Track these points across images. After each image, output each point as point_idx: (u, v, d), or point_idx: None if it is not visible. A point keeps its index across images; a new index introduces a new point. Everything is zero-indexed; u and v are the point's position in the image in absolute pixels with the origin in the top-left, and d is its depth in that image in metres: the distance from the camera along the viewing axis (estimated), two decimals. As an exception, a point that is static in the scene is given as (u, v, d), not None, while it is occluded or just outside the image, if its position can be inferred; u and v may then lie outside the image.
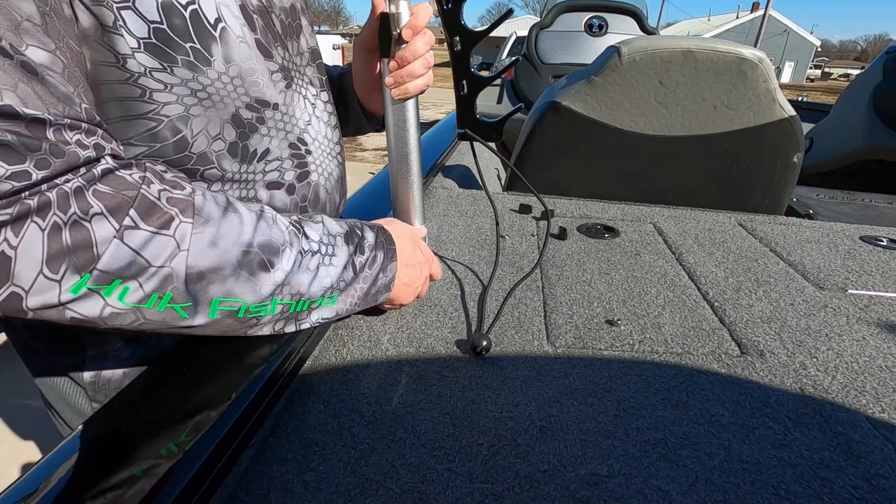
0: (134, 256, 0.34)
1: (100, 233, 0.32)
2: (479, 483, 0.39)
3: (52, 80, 0.32)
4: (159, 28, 0.39)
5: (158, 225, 0.35)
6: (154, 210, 0.35)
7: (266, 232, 0.42)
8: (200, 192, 0.39)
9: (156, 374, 0.44)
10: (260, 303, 0.42)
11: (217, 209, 0.39)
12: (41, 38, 0.32)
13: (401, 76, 0.58)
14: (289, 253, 0.43)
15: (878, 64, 1.96)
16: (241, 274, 0.40)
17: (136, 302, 0.35)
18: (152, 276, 0.35)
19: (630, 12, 2.80)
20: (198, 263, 0.37)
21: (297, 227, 0.46)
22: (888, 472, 0.41)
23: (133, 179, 0.35)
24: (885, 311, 0.68)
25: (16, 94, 0.29)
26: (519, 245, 0.86)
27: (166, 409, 0.39)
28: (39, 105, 0.30)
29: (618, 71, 1.07)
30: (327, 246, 0.48)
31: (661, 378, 0.52)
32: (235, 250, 0.39)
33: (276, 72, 0.50)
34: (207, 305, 0.39)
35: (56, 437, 0.47)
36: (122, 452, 0.34)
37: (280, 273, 0.42)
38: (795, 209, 1.37)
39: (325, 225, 0.49)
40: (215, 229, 0.38)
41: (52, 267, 0.31)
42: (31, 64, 0.31)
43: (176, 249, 0.36)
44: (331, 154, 0.61)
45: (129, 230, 0.33)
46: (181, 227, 0.36)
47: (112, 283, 0.33)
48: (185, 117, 0.43)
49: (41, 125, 0.30)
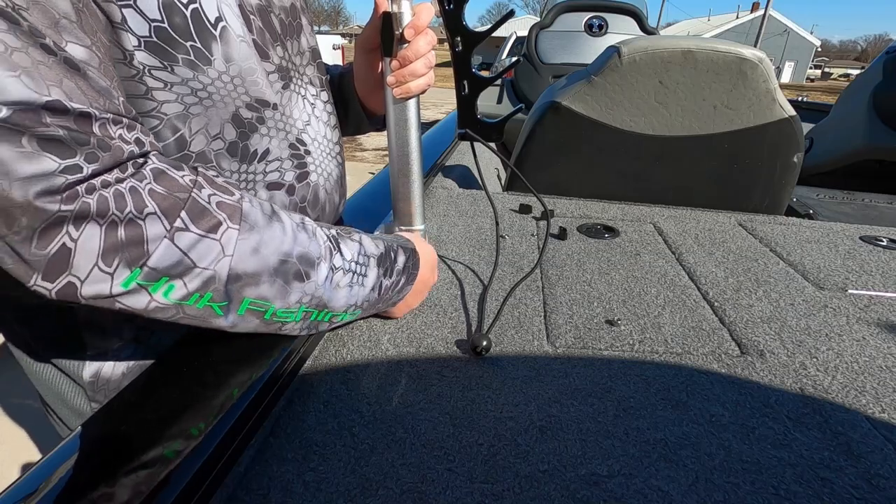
0: (182, 257, 0.35)
1: (152, 232, 0.34)
2: (479, 483, 0.39)
3: (92, 75, 0.33)
4: (160, 27, 0.39)
5: (207, 228, 0.36)
6: (204, 214, 0.36)
7: (305, 243, 0.44)
8: (248, 199, 0.40)
9: (156, 375, 0.43)
10: (287, 309, 0.44)
11: (263, 217, 0.41)
12: (78, 35, 0.33)
13: (402, 75, 0.58)
14: (323, 267, 0.45)
15: (878, 64, 1.96)
16: (276, 281, 0.41)
17: (179, 299, 0.37)
18: (196, 276, 0.36)
19: (630, 12, 2.80)
20: (239, 267, 0.39)
21: (333, 243, 0.47)
22: (888, 472, 0.41)
23: (184, 182, 0.36)
24: (885, 311, 0.68)
25: (62, 89, 0.30)
26: (519, 245, 0.85)
27: (166, 409, 0.39)
28: (84, 99, 0.31)
29: (618, 71, 1.07)
30: (361, 266, 0.49)
31: (661, 378, 0.52)
32: (274, 258, 0.41)
33: (273, 72, 0.50)
34: (239, 304, 0.40)
35: (56, 438, 0.47)
36: (122, 453, 0.34)
37: (311, 285, 0.44)
38: (795, 209, 1.37)
39: (362, 245, 0.51)
40: (259, 237, 0.40)
41: (107, 260, 0.33)
42: (72, 59, 0.31)
43: (221, 254, 0.37)
44: (330, 154, 0.61)
45: (179, 231, 0.35)
46: (228, 233, 0.38)
47: (159, 280, 0.35)
48: (185, 116, 0.43)
49: (88, 119, 0.31)
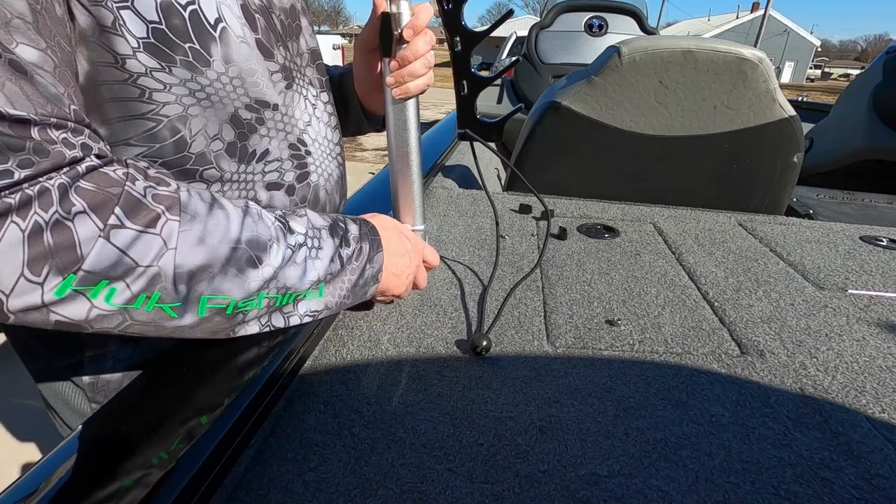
0: (120, 256, 0.33)
1: (83, 232, 0.31)
2: (479, 483, 0.39)
3: (42, 80, 0.31)
4: (158, 28, 0.39)
5: (145, 223, 0.34)
6: (140, 208, 0.34)
7: (252, 227, 0.41)
8: (185, 189, 0.38)
9: (155, 375, 0.44)
10: (247, 298, 0.41)
11: (203, 205, 0.38)
12: (32, 37, 0.31)
13: (401, 76, 0.58)
14: (276, 248, 0.43)
15: (878, 64, 1.96)
16: (230, 271, 0.39)
17: (124, 303, 0.34)
18: (140, 275, 0.34)
19: (630, 12, 2.80)
20: (186, 262, 0.36)
21: (282, 222, 0.45)
22: (888, 472, 0.41)
23: (116, 176, 0.33)
24: (885, 311, 0.68)
25: (2, 93, 0.29)
26: (519, 245, 0.85)
27: (166, 409, 0.39)
28: (26, 104, 0.30)
29: (618, 71, 1.07)
30: (313, 239, 0.47)
31: (661, 378, 0.52)
32: (223, 247, 0.38)
33: (277, 72, 0.50)
34: (196, 303, 0.38)
35: (56, 438, 0.47)
36: (122, 453, 0.34)
37: (269, 269, 0.42)
38: (795, 209, 1.37)
39: (308, 218, 0.48)
40: (202, 226, 0.37)
41: (34, 269, 0.30)
42: (19, 62, 0.30)
43: (163, 248, 0.35)
44: (331, 155, 0.61)
45: (114, 229, 0.32)
46: (168, 225, 0.35)
47: (98, 283, 0.32)
48: (184, 117, 0.43)
49: (25, 125, 0.30)
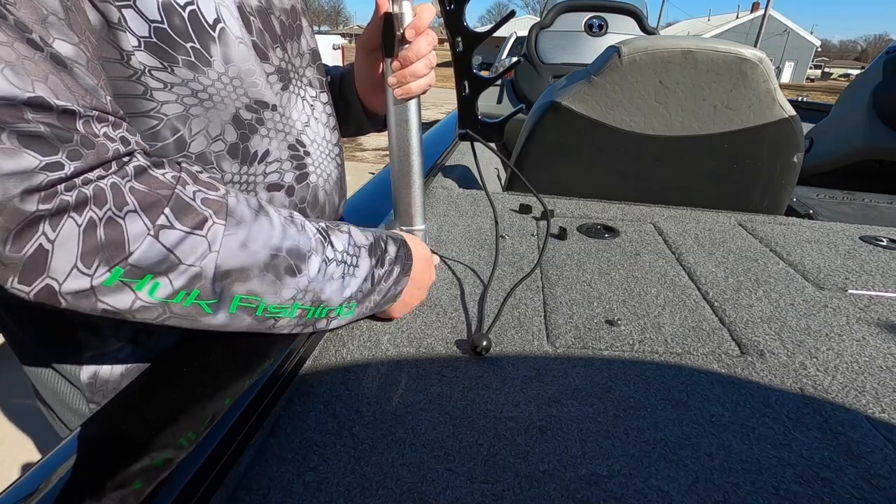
0: (166, 254, 0.35)
1: (133, 230, 0.33)
2: (479, 483, 0.39)
3: (79, 72, 0.32)
4: (160, 27, 0.40)
5: (192, 225, 0.36)
6: (188, 210, 0.36)
7: (295, 237, 0.43)
8: (234, 194, 0.40)
9: (155, 375, 0.43)
10: (279, 305, 0.43)
11: (249, 212, 0.40)
12: (66, 32, 0.32)
13: (403, 76, 0.58)
14: (315, 260, 0.45)
15: (878, 64, 1.96)
16: (267, 276, 0.41)
17: (165, 297, 0.36)
18: (182, 273, 0.36)
19: (630, 12, 2.80)
20: (226, 264, 0.38)
21: (323, 235, 0.47)
22: (888, 472, 0.41)
23: (166, 179, 0.35)
24: (885, 311, 0.68)
25: (47, 85, 0.30)
26: (519, 245, 0.85)
27: (166, 409, 0.39)
28: (69, 96, 0.31)
29: (618, 71, 1.07)
30: (352, 257, 0.49)
31: (661, 378, 0.52)
32: (264, 253, 0.40)
33: (273, 73, 0.50)
34: (229, 302, 0.40)
35: (56, 438, 0.47)
36: (122, 453, 0.34)
37: (304, 279, 0.44)
38: (795, 209, 1.37)
39: (351, 235, 0.50)
40: (246, 232, 0.39)
41: (86, 261, 0.32)
42: (59, 56, 0.31)
43: (207, 250, 0.37)
44: (329, 155, 0.61)
45: (163, 229, 0.34)
46: (214, 229, 0.37)
47: (143, 277, 0.34)
48: (185, 117, 0.43)
49: (72, 116, 0.31)
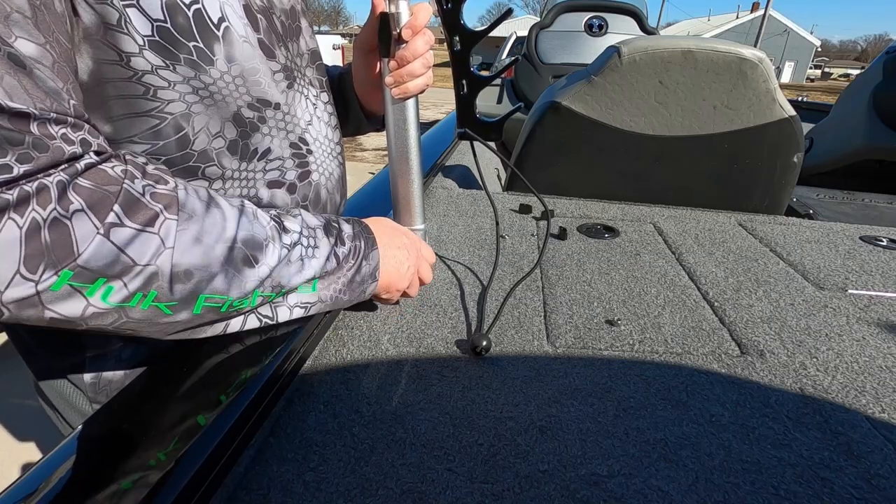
0: (118, 254, 0.32)
1: (81, 230, 0.31)
2: (479, 483, 0.39)
3: (41, 74, 0.31)
4: (163, 26, 0.40)
5: (143, 222, 0.33)
6: (139, 206, 0.33)
7: (248, 227, 0.41)
8: (183, 187, 0.38)
9: (156, 374, 0.44)
10: (242, 297, 0.41)
11: (200, 204, 0.38)
12: (31, 31, 0.31)
13: (401, 76, 0.58)
14: (272, 247, 0.42)
15: (878, 64, 1.96)
16: (228, 270, 0.39)
17: (120, 301, 0.34)
18: (137, 274, 0.34)
19: (630, 12, 2.80)
20: (183, 261, 0.36)
21: (277, 221, 0.45)
22: (888, 472, 0.41)
23: (115, 173, 0.33)
24: (885, 311, 0.68)
25: (1, 86, 0.29)
26: (519, 245, 0.85)
27: (166, 408, 0.39)
28: (25, 98, 0.30)
29: (618, 71, 1.07)
30: (308, 238, 0.46)
31: (661, 378, 0.52)
32: (220, 247, 0.38)
33: (279, 72, 0.50)
34: (193, 302, 0.38)
35: (57, 437, 0.47)
36: (122, 452, 0.34)
37: (265, 268, 0.42)
38: (795, 209, 1.37)
39: (303, 217, 0.48)
40: (199, 225, 0.37)
41: (30, 266, 0.30)
42: (18, 56, 0.30)
43: (161, 247, 0.34)
44: (331, 154, 0.61)
45: (113, 227, 0.32)
46: (166, 224, 0.35)
47: (95, 281, 0.32)
48: (188, 115, 0.44)
49: (25, 119, 0.30)
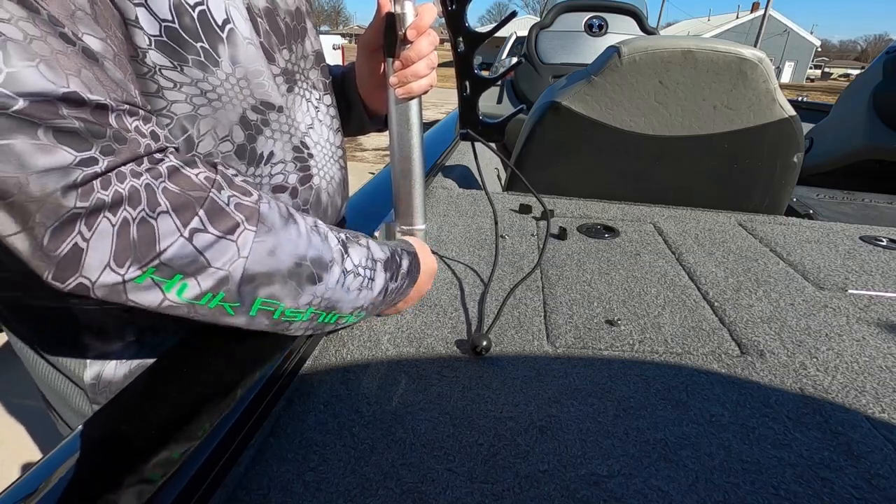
0: (197, 256, 0.35)
1: (165, 231, 0.33)
2: (479, 483, 0.39)
3: (109, 66, 0.33)
4: (171, 27, 0.40)
5: (224, 230, 0.36)
6: (222, 215, 0.36)
7: (319, 247, 0.44)
8: (266, 201, 0.40)
9: (156, 375, 0.43)
10: (296, 309, 0.43)
11: (280, 220, 0.40)
12: (93, 27, 0.32)
13: (405, 76, 0.58)
14: (335, 270, 0.45)
15: (878, 64, 1.96)
16: (289, 283, 0.41)
17: (192, 298, 0.37)
18: (210, 275, 0.36)
19: (630, 12, 2.80)
20: (253, 269, 0.38)
21: (344, 247, 0.47)
22: (888, 472, 0.41)
23: (199, 180, 0.36)
24: (885, 311, 0.68)
25: (80, 79, 0.30)
26: (519, 245, 0.85)
27: (166, 409, 0.39)
28: (101, 90, 0.31)
29: (618, 71, 1.07)
30: (370, 270, 0.50)
31: (661, 378, 0.52)
32: (289, 261, 0.41)
33: (279, 75, 0.50)
34: (251, 305, 0.40)
35: (57, 438, 0.47)
36: (123, 453, 0.34)
37: (322, 287, 0.44)
38: (795, 209, 1.37)
39: (370, 249, 0.51)
40: (275, 239, 0.39)
41: (119, 260, 0.32)
42: (90, 50, 0.31)
43: (237, 255, 0.37)
44: (333, 157, 0.61)
45: (196, 232, 0.35)
46: (244, 235, 0.37)
47: (173, 277, 0.35)
48: (193, 117, 0.44)
49: (104, 111, 0.31)
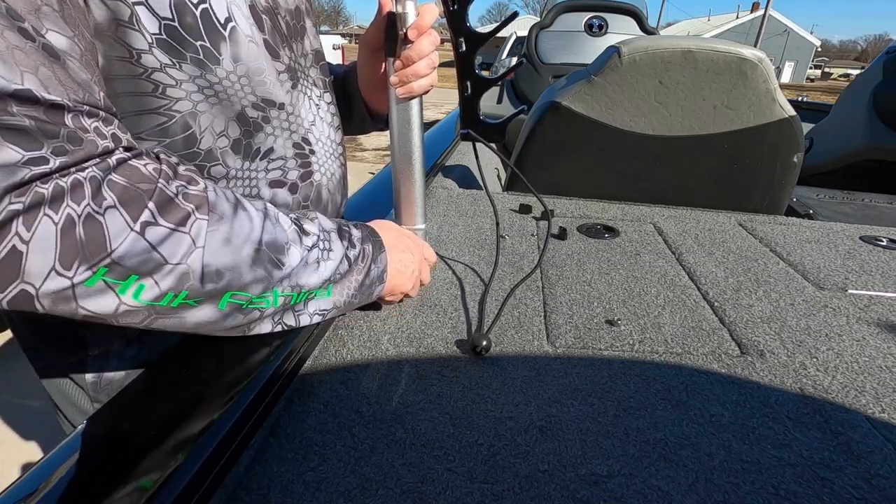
0: (151, 252, 0.33)
1: (114, 227, 0.31)
2: (479, 483, 0.39)
3: (73, 66, 0.32)
4: (171, 25, 0.40)
5: (176, 221, 0.34)
6: (171, 206, 0.34)
7: (272, 230, 0.42)
8: (212, 188, 0.38)
9: (157, 374, 0.44)
10: (262, 295, 0.42)
11: (229, 206, 0.39)
12: (60, 24, 0.32)
13: (406, 76, 0.58)
14: (294, 250, 0.44)
15: (878, 64, 1.96)
16: (256, 271, 0.40)
17: (152, 300, 0.35)
18: (169, 273, 0.34)
19: (630, 12, 2.79)
20: (213, 261, 0.37)
21: (297, 225, 0.46)
22: (888, 472, 0.41)
23: (148, 171, 0.34)
24: (885, 311, 0.68)
25: (37, 77, 0.29)
26: (519, 245, 0.85)
27: (167, 408, 0.39)
28: (59, 90, 0.30)
29: (618, 71, 1.07)
30: (324, 241, 0.48)
31: (661, 378, 0.52)
32: (248, 248, 0.39)
33: (283, 72, 0.51)
34: (218, 300, 0.39)
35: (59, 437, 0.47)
36: (123, 452, 0.34)
37: (287, 269, 0.43)
38: (795, 209, 1.37)
39: (319, 221, 0.49)
40: (228, 227, 0.38)
41: (65, 261, 0.30)
42: (52, 47, 0.30)
43: (192, 246, 0.35)
44: (333, 155, 0.61)
45: (148, 226, 0.33)
46: (197, 224, 0.35)
47: (128, 278, 0.33)
48: (194, 113, 0.44)
49: (60, 111, 0.30)
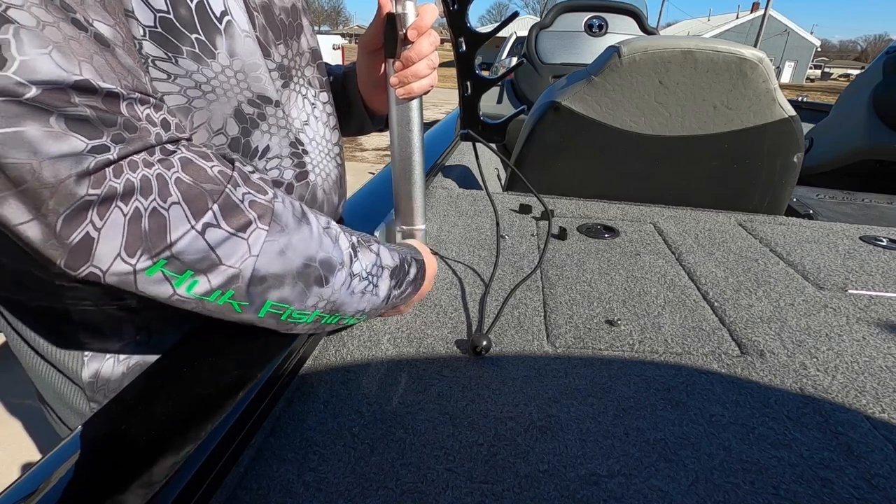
0: (208, 252, 0.35)
1: (177, 223, 0.33)
2: (479, 483, 0.39)
3: (120, 53, 0.32)
4: (165, 17, 0.39)
5: (237, 227, 0.36)
6: (236, 212, 0.36)
7: (329, 249, 0.43)
8: (280, 199, 0.40)
9: (156, 375, 0.43)
10: (302, 311, 0.43)
11: (293, 219, 0.40)
12: (102, 14, 0.32)
13: (405, 76, 0.58)
14: (342, 273, 0.45)
15: (878, 64, 1.96)
16: (298, 284, 0.41)
17: (201, 294, 0.36)
18: (220, 273, 0.36)
19: (630, 12, 2.80)
20: (263, 269, 0.38)
21: (353, 251, 0.47)
22: (888, 472, 0.41)
23: (214, 174, 0.35)
24: (885, 311, 0.68)
25: (92, 66, 0.29)
26: (519, 245, 0.85)
27: (166, 409, 0.39)
28: (113, 78, 0.31)
29: (618, 71, 1.07)
30: (375, 277, 0.50)
31: (661, 378, 0.52)
32: (299, 261, 0.41)
33: (274, 70, 0.50)
34: (261, 306, 0.40)
35: (54, 436, 0.47)
36: (123, 453, 0.34)
37: (329, 289, 0.44)
38: (795, 209, 1.37)
39: (379, 256, 0.51)
40: (287, 239, 0.39)
41: (129, 251, 0.32)
42: (102, 36, 0.31)
43: (247, 253, 0.37)
44: (329, 155, 0.61)
45: (209, 227, 0.34)
46: (256, 233, 0.37)
47: (184, 273, 0.35)
48: (187, 109, 0.43)
49: (116, 99, 0.31)
